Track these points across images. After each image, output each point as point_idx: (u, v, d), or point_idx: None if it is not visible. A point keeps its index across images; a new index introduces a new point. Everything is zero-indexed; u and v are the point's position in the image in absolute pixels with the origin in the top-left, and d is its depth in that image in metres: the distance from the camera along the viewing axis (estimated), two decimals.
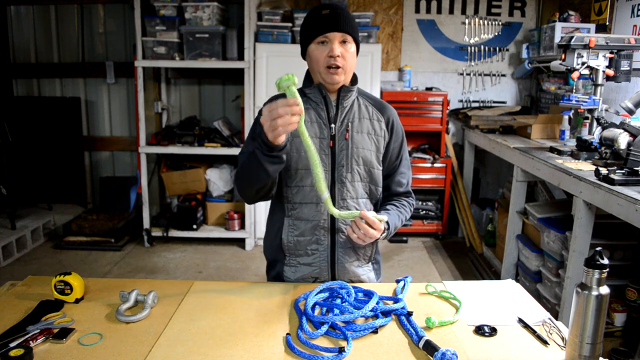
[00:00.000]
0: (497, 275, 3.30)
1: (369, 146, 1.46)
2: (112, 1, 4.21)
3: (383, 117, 1.51)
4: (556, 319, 1.28)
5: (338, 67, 1.38)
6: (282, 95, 1.19)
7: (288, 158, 1.42)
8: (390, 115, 1.52)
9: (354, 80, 1.48)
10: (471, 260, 3.72)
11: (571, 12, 3.44)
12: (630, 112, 2.30)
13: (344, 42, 1.39)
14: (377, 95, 3.80)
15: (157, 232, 3.91)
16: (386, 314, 1.21)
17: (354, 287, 1.31)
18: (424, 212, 4.17)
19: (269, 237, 1.56)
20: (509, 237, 3.05)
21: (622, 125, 2.22)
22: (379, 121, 1.49)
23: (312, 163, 1.23)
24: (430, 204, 4.17)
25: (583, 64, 2.50)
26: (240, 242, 3.97)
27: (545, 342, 1.12)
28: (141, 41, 3.68)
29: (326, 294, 1.28)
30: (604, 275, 0.99)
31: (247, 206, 3.87)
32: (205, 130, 3.93)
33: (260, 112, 1.23)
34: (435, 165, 4.00)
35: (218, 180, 4.07)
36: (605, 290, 0.99)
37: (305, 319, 1.17)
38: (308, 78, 1.49)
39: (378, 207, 1.55)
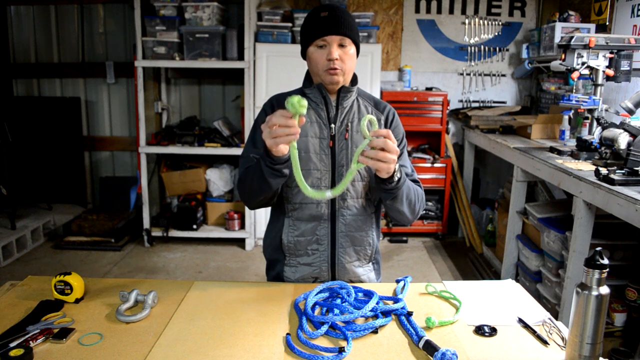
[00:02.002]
0: (497, 275, 3.30)
1: None
2: (112, 1, 4.20)
3: (382, 114, 1.51)
4: (556, 319, 1.28)
5: (337, 69, 1.38)
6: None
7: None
8: (389, 112, 1.52)
9: (354, 80, 1.48)
10: (471, 260, 3.72)
11: (571, 12, 3.44)
12: (630, 112, 2.29)
13: (342, 44, 1.39)
14: (377, 95, 3.80)
15: (157, 232, 3.91)
16: (386, 314, 1.21)
17: (354, 287, 1.31)
18: (424, 212, 4.16)
19: (268, 237, 1.56)
20: (509, 237, 3.05)
21: (622, 125, 2.22)
22: (378, 120, 1.49)
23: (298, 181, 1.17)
24: (430, 204, 4.17)
25: (583, 64, 2.50)
26: (240, 242, 3.97)
27: (545, 342, 1.12)
28: (141, 41, 3.68)
29: (326, 294, 1.28)
30: (604, 275, 0.98)
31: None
32: (205, 130, 3.93)
33: (259, 116, 1.23)
34: (435, 165, 4.00)
35: (218, 180, 4.07)
36: (605, 290, 0.99)
37: (305, 319, 1.17)
38: (308, 78, 1.49)
39: (379, 207, 1.55)
